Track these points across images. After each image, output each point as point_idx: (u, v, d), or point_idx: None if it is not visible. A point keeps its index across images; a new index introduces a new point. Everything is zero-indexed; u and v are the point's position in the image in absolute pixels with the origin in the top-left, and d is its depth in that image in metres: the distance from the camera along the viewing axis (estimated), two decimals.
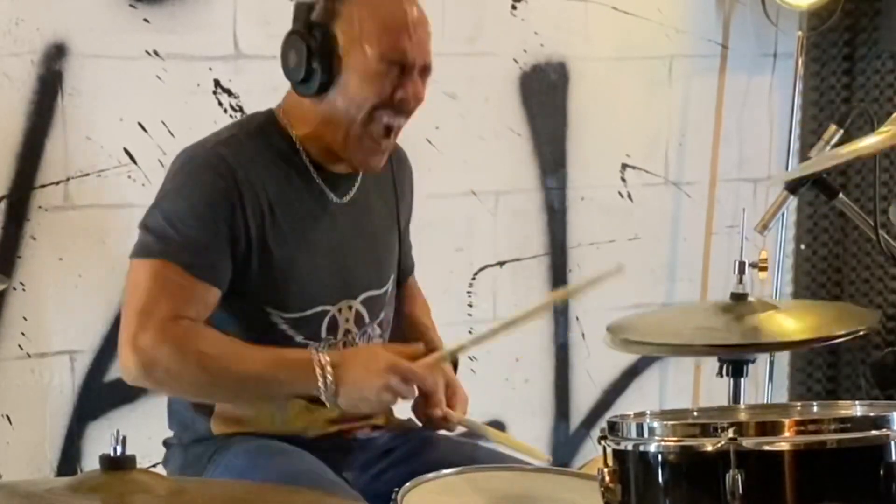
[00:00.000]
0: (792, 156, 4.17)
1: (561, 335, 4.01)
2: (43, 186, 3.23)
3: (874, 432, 1.90)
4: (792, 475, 1.90)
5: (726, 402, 2.89)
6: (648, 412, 2.12)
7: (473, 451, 2.55)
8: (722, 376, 2.90)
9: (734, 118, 4.22)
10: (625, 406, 4.06)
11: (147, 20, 3.30)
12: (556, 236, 3.97)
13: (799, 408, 2.32)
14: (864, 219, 2.82)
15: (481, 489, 2.26)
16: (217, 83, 3.40)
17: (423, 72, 2.45)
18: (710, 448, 1.90)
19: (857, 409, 2.15)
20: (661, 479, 1.96)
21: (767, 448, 1.89)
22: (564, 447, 4.03)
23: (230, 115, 3.38)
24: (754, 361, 2.92)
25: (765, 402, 4.04)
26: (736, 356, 2.86)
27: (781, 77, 4.25)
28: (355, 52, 2.40)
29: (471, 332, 2.74)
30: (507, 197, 3.88)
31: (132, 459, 1.70)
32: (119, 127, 3.29)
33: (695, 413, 2.23)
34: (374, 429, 2.60)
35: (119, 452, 1.69)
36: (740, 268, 2.89)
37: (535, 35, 3.86)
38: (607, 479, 1.99)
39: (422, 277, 2.84)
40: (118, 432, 1.70)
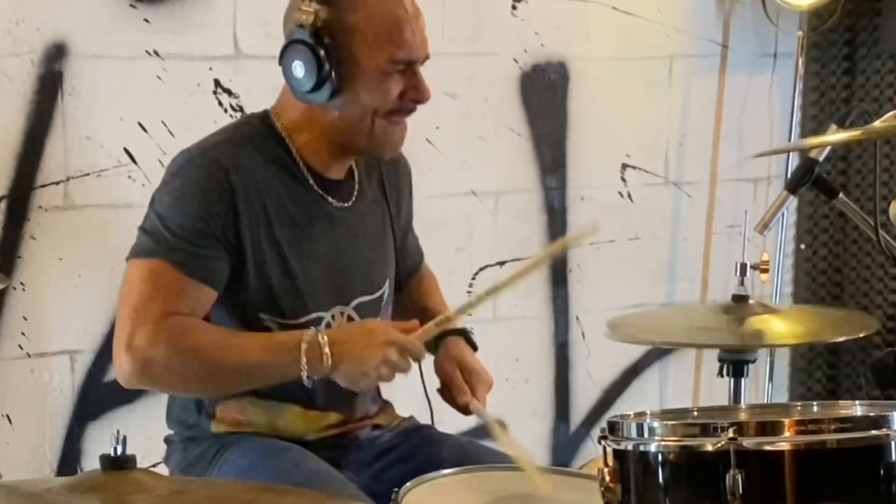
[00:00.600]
0: (792, 156, 4.17)
1: (561, 335, 4.00)
2: (43, 186, 3.23)
3: (874, 432, 1.90)
4: (792, 475, 1.90)
5: (726, 402, 2.89)
6: (648, 412, 2.11)
7: (473, 451, 2.55)
8: (722, 376, 2.90)
9: (734, 118, 4.22)
10: (625, 406, 4.05)
11: (147, 20, 3.30)
12: (556, 236, 3.96)
13: (799, 408, 2.32)
14: (864, 219, 2.82)
15: (481, 489, 2.26)
16: (217, 83, 3.39)
17: (424, 60, 2.49)
18: (710, 448, 1.90)
19: (857, 408, 2.15)
20: (661, 479, 1.96)
21: (768, 448, 1.90)
22: (564, 447, 4.02)
23: (230, 115, 3.37)
24: (754, 361, 2.92)
25: (765, 402, 4.04)
26: (736, 356, 2.87)
27: (781, 77, 4.25)
28: (364, 57, 2.40)
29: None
30: (507, 197, 3.88)
31: (132, 459, 1.70)
32: (119, 127, 3.29)
33: (695, 413, 2.23)
34: (375, 428, 2.61)
35: (119, 452, 1.69)
36: (742, 269, 2.89)
37: (535, 35, 3.85)
38: (607, 479, 1.99)
39: None
40: (118, 432, 1.69)
